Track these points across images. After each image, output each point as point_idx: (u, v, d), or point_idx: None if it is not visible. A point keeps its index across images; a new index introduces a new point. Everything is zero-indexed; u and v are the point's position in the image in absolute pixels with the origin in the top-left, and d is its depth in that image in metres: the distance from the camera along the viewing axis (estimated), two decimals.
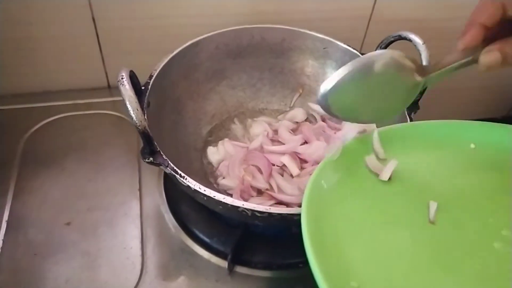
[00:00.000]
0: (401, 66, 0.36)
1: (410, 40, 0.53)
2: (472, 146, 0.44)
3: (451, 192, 0.40)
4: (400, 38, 0.55)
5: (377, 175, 0.41)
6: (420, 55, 0.52)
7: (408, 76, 0.37)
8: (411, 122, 0.50)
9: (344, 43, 0.61)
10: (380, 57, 0.35)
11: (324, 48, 0.63)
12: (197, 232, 0.53)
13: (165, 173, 0.58)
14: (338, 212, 0.37)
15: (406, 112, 0.51)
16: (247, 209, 0.41)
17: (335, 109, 0.38)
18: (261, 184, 0.53)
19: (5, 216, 0.52)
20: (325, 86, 0.36)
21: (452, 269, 0.34)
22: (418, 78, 0.37)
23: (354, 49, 0.61)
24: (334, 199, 0.38)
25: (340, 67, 0.62)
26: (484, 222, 0.38)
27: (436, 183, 0.41)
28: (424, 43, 0.52)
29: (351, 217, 0.37)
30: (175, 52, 0.56)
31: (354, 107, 0.39)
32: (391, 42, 0.56)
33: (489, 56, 0.35)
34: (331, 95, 0.37)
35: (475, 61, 0.36)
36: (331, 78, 0.37)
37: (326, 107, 0.38)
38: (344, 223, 0.36)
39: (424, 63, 0.52)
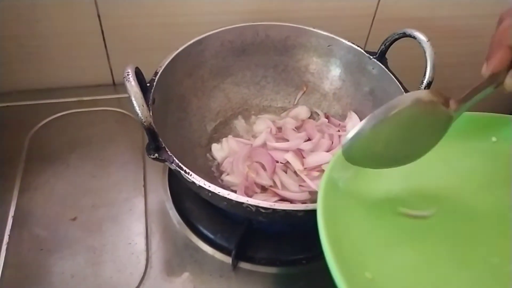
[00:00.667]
0: (426, 106, 0.33)
1: (414, 38, 0.53)
2: (494, 139, 0.44)
3: (471, 184, 0.40)
4: (405, 35, 0.54)
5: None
6: (424, 52, 0.52)
7: (436, 113, 0.34)
8: None
9: (349, 41, 0.61)
10: (401, 101, 0.33)
11: (328, 46, 0.63)
12: (201, 228, 0.54)
13: (169, 169, 0.58)
14: (354, 201, 0.37)
15: None
16: (252, 205, 0.41)
17: (362, 161, 0.37)
18: (265, 180, 0.54)
19: (11, 212, 0.53)
20: (346, 140, 0.34)
21: (469, 262, 0.34)
22: (449, 112, 0.34)
23: (358, 46, 0.61)
24: (350, 188, 0.38)
25: (344, 64, 0.64)
26: (503, 215, 0.37)
27: (457, 174, 0.41)
28: (428, 40, 0.52)
29: (366, 206, 0.37)
30: (180, 49, 0.56)
31: (384, 155, 0.37)
32: (396, 39, 0.56)
33: None
34: (355, 148, 0.35)
35: (500, 84, 0.34)
36: (351, 131, 0.34)
37: (351, 160, 0.36)
38: (359, 213, 0.36)
39: (429, 60, 0.52)
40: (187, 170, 0.43)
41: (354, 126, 0.61)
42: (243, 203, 0.41)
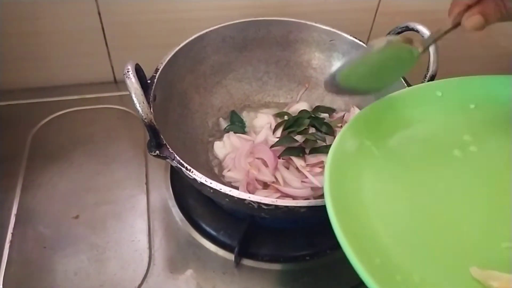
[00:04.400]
0: (397, 44, 0.41)
1: (417, 31, 0.53)
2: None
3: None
4: (408, 29, 0.54)
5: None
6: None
7: (405, 50, 0.41)
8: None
9: (351, 35, 0.61)
10: (378, 41, 0.40)
11: (330, 41, 0.63)
12: (204, 225, 0.54)
13: (171, 166, 0.58)
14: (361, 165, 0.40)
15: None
16: (254, 202, 0.41)
17: (343, 85, 0.43)
18: (267, 177, 0.53)
19: (14, 210, 0.53)
20: (334, 67, 0.42)
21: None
22: (414, 49, 0.41)
23: (360, 41, 0.60)
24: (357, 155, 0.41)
25: (346, 59, 0.63)
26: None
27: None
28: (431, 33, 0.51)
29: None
30: (181, 46, 0.55)
31: (360, 83, 0.45)
32: (398, 33, 0.56)
33: (472, 20, 0.38)
34: (339, 75, 0.42)
35: (457, 26, 0.40)
36: (339, 62, 0.44)
37: (335, 83, 0.43)
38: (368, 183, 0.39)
39: (432, 54, 0.52)
40: (189, 167, 0.43)
41: None
42: (245, 199, 0.41)
